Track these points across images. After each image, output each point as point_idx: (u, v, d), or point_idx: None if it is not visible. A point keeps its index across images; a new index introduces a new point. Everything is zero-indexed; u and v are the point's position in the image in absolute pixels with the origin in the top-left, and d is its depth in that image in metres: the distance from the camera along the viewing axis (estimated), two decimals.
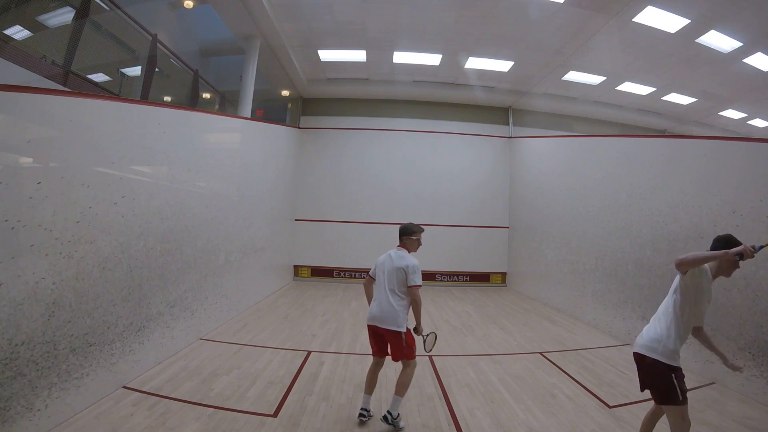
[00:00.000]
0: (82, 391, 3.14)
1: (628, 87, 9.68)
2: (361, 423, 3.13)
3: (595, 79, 9.42)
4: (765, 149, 4.11)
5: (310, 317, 6.68)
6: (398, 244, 3.38)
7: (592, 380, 4.17)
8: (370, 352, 3.35)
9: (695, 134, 10.77)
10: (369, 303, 3.36)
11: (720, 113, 10.77)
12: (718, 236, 2.37)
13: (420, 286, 3.16)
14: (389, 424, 3.05)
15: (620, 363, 4.76)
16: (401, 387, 3.09)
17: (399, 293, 3.16)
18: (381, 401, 3.52)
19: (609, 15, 6.51)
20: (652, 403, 2.50)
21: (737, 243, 2.21)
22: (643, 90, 9.77)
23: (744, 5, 6.07)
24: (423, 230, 3.42)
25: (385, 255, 3.34)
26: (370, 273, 3.41)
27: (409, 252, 3.31)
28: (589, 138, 8.27)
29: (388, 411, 3.09)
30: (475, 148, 10.86)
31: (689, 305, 2.29)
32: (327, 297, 8.44)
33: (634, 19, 6.59)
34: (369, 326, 3.26)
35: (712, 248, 2.32)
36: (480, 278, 10.52)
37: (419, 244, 3.38)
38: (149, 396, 3.47)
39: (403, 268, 3.16)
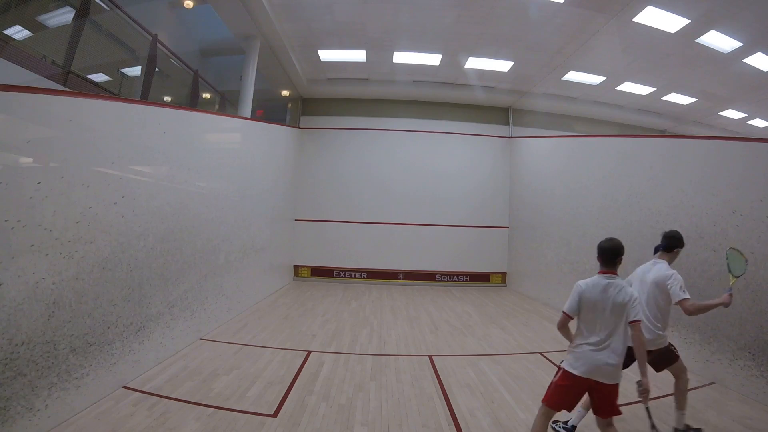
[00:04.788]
0: (82, 391, 3.15)
1: (628, 87, 9.69)
2: None
3: (595, 79, 9.43)
4: (765, 149, 4.11)
5: (310, 317, 6.67)
6: (604, 269, 2.67)
7: None
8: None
9: (695, 134, 10.78)
10: (572, 342, 2.66)
11: (720, 113, 10.78)
12: None
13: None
14: None
15: None
16: None
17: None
18: None
19: (609, 15, 6.51)
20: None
21: None
22: (643, 90, 9.78)
23: (744, 5, 6.07)
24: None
25: (598, 282, 2.63)
26: (569, 311, 2.65)
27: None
28: (589, 138, 8.27)
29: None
30: (475, 148, 10.86)
31: None
32: (327, 297, 8.44)
33: (634, 19, 6.60)
34: (583, 378, 2.48)
35: None
36: (480, 278, 10.51)
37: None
38: (149, 396, 3.48)
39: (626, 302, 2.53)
